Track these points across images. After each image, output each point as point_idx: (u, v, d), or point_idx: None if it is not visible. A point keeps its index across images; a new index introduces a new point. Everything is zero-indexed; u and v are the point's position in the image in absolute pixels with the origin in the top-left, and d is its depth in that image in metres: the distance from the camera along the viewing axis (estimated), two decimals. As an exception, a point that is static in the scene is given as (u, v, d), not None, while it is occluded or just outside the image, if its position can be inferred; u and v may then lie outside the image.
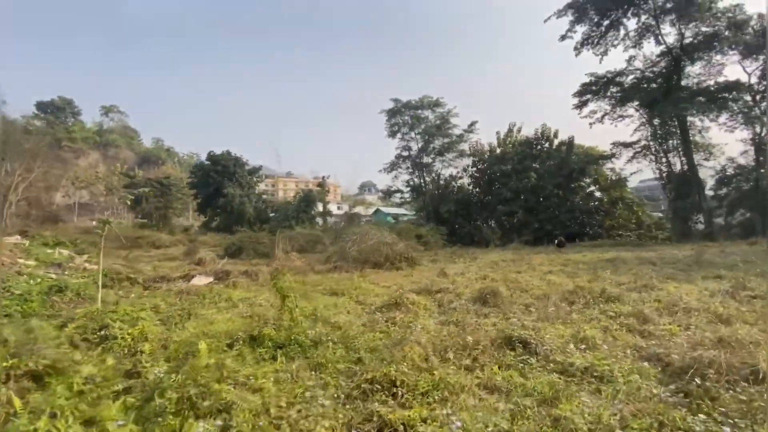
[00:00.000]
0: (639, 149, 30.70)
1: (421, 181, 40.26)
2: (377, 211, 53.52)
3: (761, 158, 25.91)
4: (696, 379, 3.61)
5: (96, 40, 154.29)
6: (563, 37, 28.22)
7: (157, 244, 25.03)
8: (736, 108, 26.16)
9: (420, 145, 39.37)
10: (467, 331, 5.14)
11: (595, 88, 30.61)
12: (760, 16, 24.49)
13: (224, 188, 40.29)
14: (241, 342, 4.86)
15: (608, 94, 30.35)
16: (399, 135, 39.80)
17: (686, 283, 8.79)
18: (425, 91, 56.40)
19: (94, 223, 34.42)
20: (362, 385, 3.58)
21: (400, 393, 3.45)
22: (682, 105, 24.30)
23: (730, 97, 25.74)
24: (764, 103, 25.63)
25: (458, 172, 39.80)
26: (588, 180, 34.37)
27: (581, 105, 31.40)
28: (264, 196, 47.34)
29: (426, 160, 39.73)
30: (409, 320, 6.02)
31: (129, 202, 45.14)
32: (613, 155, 31.77)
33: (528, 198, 34.84)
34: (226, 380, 3.53)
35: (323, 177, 45.17)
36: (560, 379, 3.86)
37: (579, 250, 19.33)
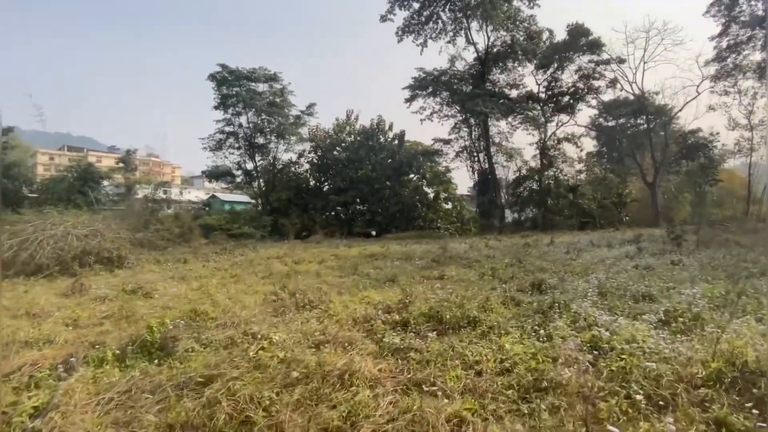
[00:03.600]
0: (460, 149, 32.45)
1: (255, 164, 35.63)
2: (213, 197, 46.27)
3: (545, 161, 29.71)
4: None
5: None
6: (383, 18, 27.35)
7: None
8: (530, 115, 29.50)
9: (254, 123, 34.55)
10: None
11: (423, 84, 30.93)
12: (550, 30, 27.61)
13: None
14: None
15: (435, 92, 31.01)
16: (231, 108, 34.20)
17: (377, 292, 7.10)
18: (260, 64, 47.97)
19: None
20: None
21: None
22: (482, 105, 25.78)
23: (525, 106, 28.71)
24: (548, 113, 29.28)
25: (297, 158, 36.65)
26: (417, 174, 35.16)
27: (411, 99, 31.49)
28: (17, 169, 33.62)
29: (260, 140, 35.23)
30: None
31: None
32: (436, 151, 32.86)
33: (362, 188, 33.84)
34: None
35: (127, 151, 36.10)
36: None
37: (375, 242, 18.15)
